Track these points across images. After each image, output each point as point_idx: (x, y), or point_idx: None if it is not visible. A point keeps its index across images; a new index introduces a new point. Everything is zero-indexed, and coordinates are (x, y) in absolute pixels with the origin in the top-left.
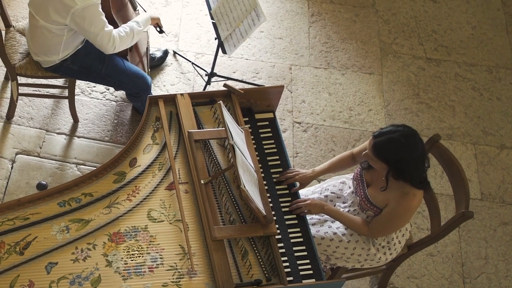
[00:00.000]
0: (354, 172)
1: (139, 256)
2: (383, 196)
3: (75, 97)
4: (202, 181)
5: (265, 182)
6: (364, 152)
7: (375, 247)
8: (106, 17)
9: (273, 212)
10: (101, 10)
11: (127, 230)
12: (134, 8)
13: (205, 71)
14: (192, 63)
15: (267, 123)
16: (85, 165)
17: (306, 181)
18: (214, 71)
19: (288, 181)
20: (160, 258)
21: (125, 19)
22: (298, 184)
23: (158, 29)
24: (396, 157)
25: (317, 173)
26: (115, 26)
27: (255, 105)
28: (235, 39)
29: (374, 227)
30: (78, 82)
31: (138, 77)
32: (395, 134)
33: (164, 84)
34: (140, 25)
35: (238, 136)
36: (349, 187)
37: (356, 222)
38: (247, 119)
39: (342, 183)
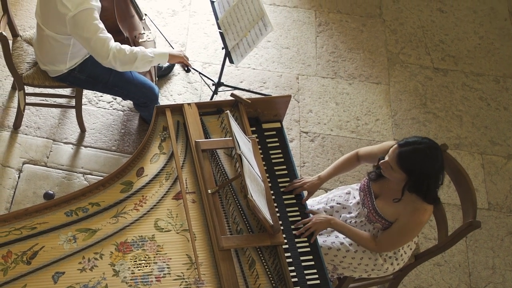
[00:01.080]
0: (361, 183)
1: (146, 266)
2: (393, 209)
3: (82, 106)
4: (209, 191)
5: (272, 192)
6: (382, 161)
7: (382, 257)
8: (111, 27)
9: (280, 222)
10: (97, 15)
11: (134, 240)
12: (140, 18)
13: (212, 80)
14: (199, 73)
15: (274, 132)
16: (92, 175)
17: (313, 189)
18: (221, 80)
19: (296, 191)
20: (167, 267)
21: (131, 28)
22: (305, 193)
23: (185, 68)
24: (419, 169)
25: (323, 179)
26: (122, 36)
27: (262, 115)
28: (242, 48)
29: (382, 242)
30: (85, 91)
31: (145, 87)
32: (421, 145)
33: (171, 93)
34: (152, 54)
35: (245, 145)
36: (354, 197)
37: (363, 237)
38: (254, 128)
39: (348, 193)
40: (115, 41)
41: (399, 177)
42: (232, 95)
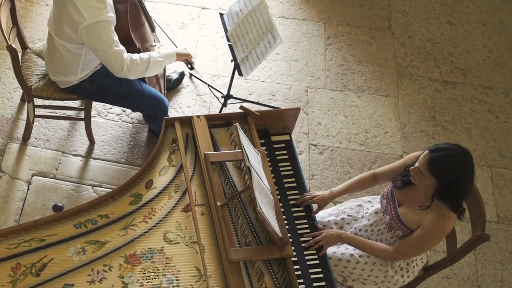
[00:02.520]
0: (384, 191)
1: (155, 278)
2: (417, 216)
3: (92, 118)
4: (218, 203)
5: (281, 204)
6: (412, 167)
7: (393, 269)
8: (124, 37)
9: (289, 234)
10: (112, 28)
11: (143, 252)
12: (152, 30)
13: (221, 93)
14: (208, 85)
15: (283, 145)
16: (101, 187)
17: (324, 203)
18: (230, 93)
19: (306, 203)
20: (176, 280)
21: (143, 39)
22: (315, 206)
23: (189, 66)
24: (450, 175)
25: (335, 193)
26: (134, 47)
27: (271, 127)
28: (252, 61)
29: (401, 249)
30: (94, 104)
31: (155, 99)
32: (452, 151)
33: (180, 106)
34: (161, 57)
35: (254, 158)
36: (367, 209)
37: (377, 247)
38: (263, 141)
39: (359, 206)
40: (127, 51)
41: (429, 184)
42: (241, 107)
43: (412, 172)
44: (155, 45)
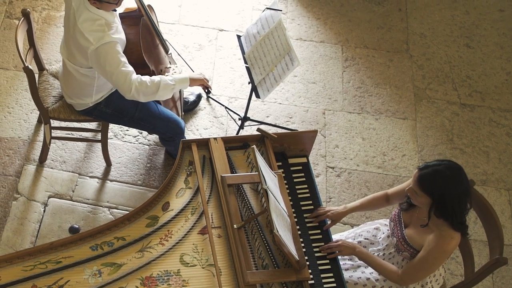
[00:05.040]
0: (392, 214)
1: None
2: (420, 236)
3: (108, 140)
4: (235, 226)
5: (298, 227)
6: (408, 187)
7: None
8: (137, 60)
9: (306, 257)
10: (119, 49)
11: (159, 274)
12: (166, 51)
13: (239, 115)
14: (226, 107)
15: (300, 167)
16: (118, 209)
17: (338, 218)
18: (248, 115)
19: (319, 218)
20: None
21: (157, 61)
22: (329, 221)
23: (206, 90)
24: (441, 190)
25: (349, 209)
26: (147, 69)
27: (288, 150)
28: (269, 83)
29: (406, 271)
30: (111, 126)
31: (171, 121)
32: (440, 166)
33: (197, 128)
34: (173, 81)
35: (271, 180)
36: (383, 233)
37: (387, 267)
38: (280, 163)
39: (376, 229)
40: (141, 74)
41: (425, 202)
42: (258, 129)
43: (408, 192)
44: (170, 67)
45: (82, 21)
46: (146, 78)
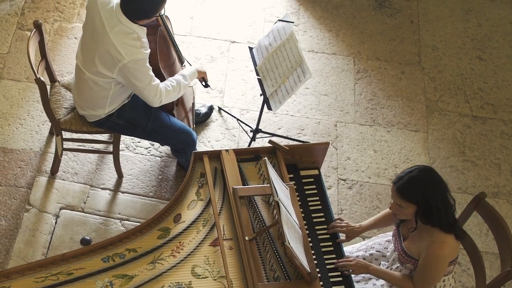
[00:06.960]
0: (393, 230)
1: None
2: (416, 245)
3: (120, 152)
4: (246, 238)
5: (309, 239)
6: (390, 205)
7: None
8: (153, 70)
9: (317, 269)
10: (148, 64)
11: (171, 286)
12: (181, 63)
13: (250, 127)
14: (237, 119)
15: (312, 179)
16: (129, 221)
17: (352, 235)
18: (259, 127)
19: (335, 230)
20: None
21: (172, 73)
22: (341, 235)
23: (203, 83)
24: (424, 194)
25: (363, 228)
26: (162, 79)
27: (300, 162)
28: (281, 95)
29: (415, 280)
30: (122, 137)
31: (183, 133)
32: (413, 172)
33: (209, 140)
34: (187, 79)
35: (283, 192)
36: (392, 246)
37: (402, 280)
38: (292, 175)
39: (388, 242)
40: None
41: (411, 211)
42: (270, 142)
43: (392, 210)
44: None
45: (116, 32)
46: (168, 85)
